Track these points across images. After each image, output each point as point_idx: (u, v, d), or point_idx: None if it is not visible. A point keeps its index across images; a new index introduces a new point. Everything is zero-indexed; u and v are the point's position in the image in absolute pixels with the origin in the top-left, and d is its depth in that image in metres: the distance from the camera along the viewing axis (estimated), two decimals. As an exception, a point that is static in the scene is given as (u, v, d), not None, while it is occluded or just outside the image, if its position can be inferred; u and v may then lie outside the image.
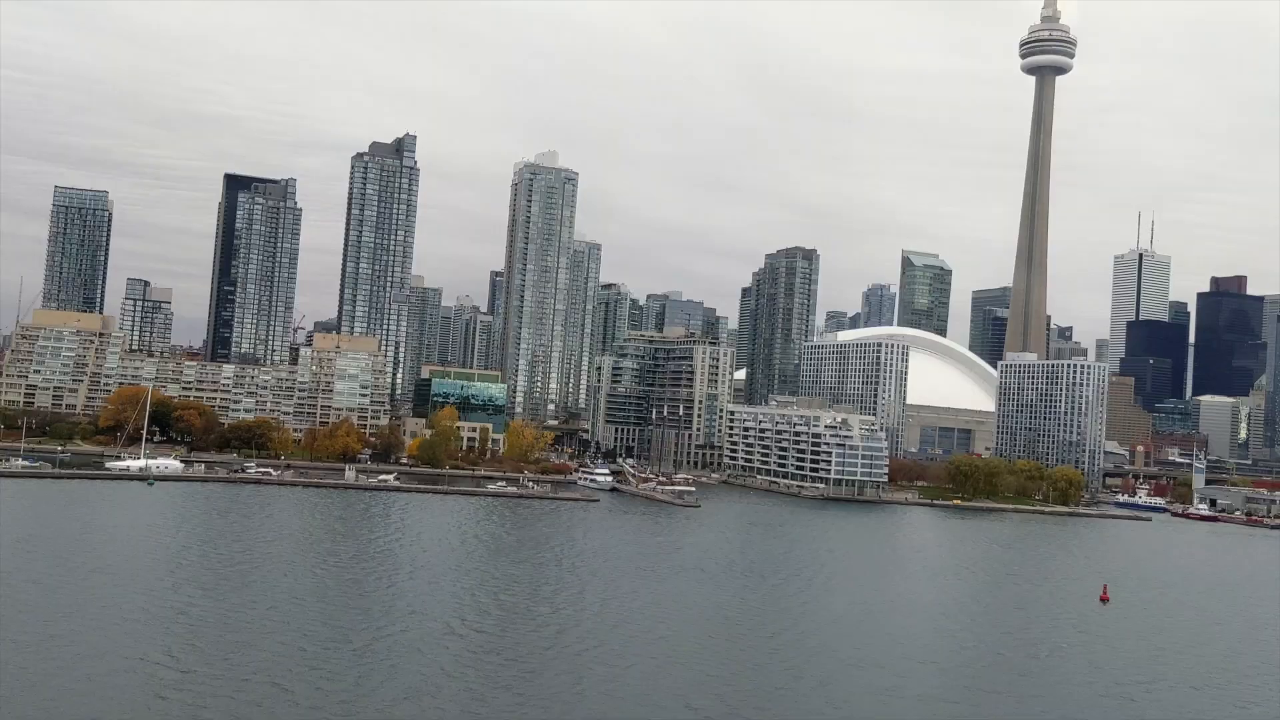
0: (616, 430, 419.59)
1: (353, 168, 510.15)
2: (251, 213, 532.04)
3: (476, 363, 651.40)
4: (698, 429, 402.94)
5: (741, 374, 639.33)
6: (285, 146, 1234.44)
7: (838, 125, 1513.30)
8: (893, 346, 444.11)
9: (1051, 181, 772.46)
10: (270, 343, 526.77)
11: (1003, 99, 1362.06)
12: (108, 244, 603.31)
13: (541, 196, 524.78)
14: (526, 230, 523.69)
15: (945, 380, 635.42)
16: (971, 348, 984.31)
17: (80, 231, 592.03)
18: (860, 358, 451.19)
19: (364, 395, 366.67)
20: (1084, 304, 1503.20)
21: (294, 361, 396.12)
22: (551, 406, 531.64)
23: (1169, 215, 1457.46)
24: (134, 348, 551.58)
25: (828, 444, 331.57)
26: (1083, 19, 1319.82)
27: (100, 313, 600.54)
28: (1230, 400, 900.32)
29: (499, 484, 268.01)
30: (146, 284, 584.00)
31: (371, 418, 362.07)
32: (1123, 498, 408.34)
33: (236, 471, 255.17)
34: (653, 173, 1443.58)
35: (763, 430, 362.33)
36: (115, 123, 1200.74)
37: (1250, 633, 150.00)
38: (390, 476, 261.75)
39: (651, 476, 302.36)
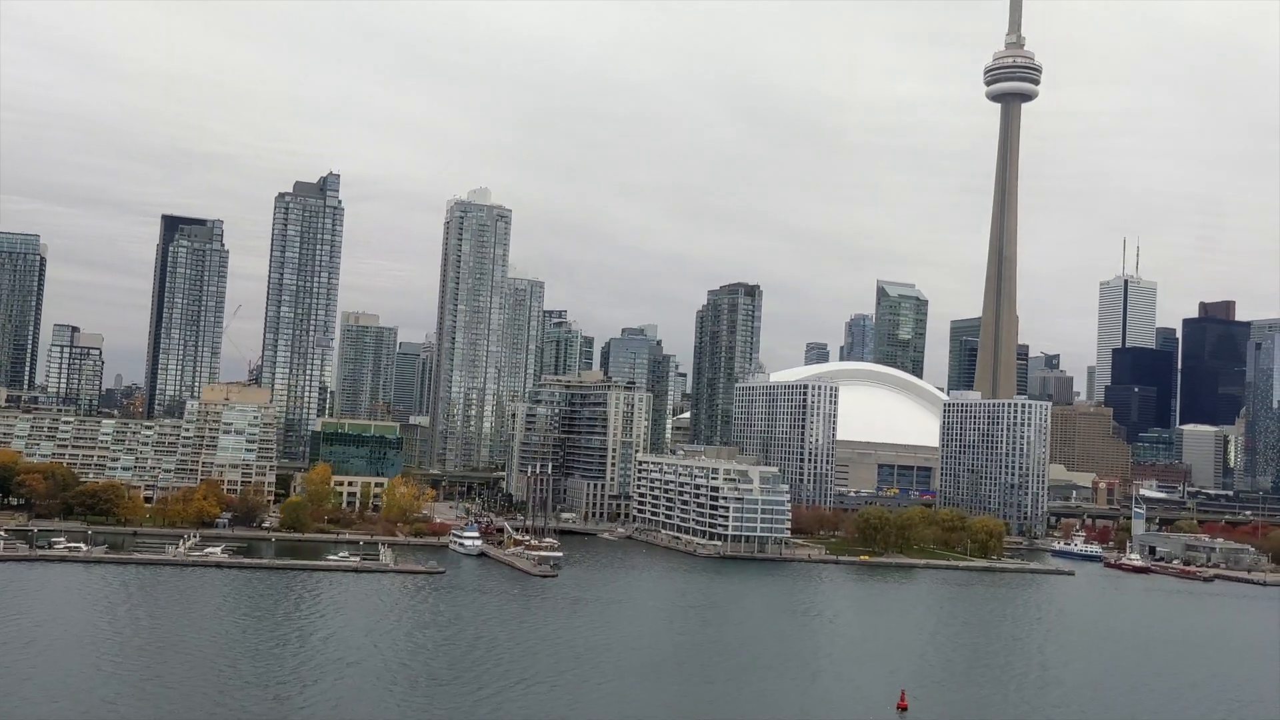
0: (530, 480, 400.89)
1: (275, 207, 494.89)
2: (176, 255, 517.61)
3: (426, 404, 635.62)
4: (612, 479, 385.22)
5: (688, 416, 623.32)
6: (284, 183, 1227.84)
7: (826, 154, 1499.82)
8: (819, 388, 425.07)
9: (1023, 208, 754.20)
10: (197, 388, 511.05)
11: (991, 125, 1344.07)
12: (40, 289, 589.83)
13: (473, 234, 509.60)
14: (458, 269, 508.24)
15: (907, 416, 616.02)
16: (950, 378, 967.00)
17: (11, 277, 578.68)
18: (788, 400, 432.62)
19: (250, 450, 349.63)
20: (1072, 330, 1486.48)
21: (180, 414, 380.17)
22: (486, 452, 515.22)
23: (1159, 239, 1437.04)
24: (21, 399, 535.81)
25: (725, 498, 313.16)
26: (1067, 44, 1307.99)
27: (30, 361, 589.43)
28: (1214, 429, 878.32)
29: (342, 554, 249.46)
30: (75, 330, 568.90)
31: (257, 474, 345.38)
32: (1059, 545, 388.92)
33: (42, 548, 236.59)
34: (643, 201, 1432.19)
35: (666, 482, 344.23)
36: (109, 161, 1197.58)
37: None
38: (218, 549, 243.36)
39: (525, 538, 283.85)
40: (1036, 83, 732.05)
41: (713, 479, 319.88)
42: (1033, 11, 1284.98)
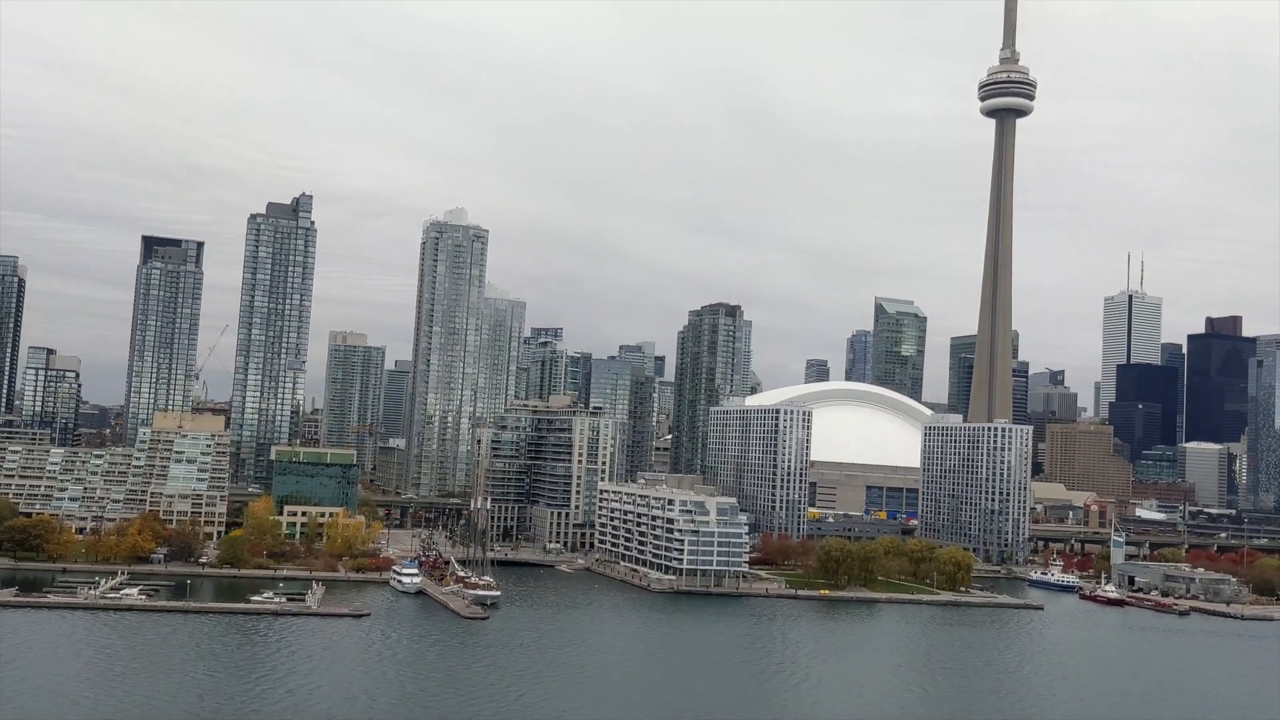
0: (495, 508, 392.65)
1: (247, 229, 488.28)
2: (149, 277, 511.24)
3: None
4: (576, 507, 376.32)
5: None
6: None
7: (830, 167, 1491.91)
8: (791, 413, 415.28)
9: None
10: (170, 411, 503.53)
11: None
12: (19, 309, 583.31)
13: (448, 255, 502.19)
14: (434, 289, 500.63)
15: (897, 436, 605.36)
16: (950, 395, 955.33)
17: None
18: (761, 425, 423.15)
19: (201, 479, 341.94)
20: (1080, 345, 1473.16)
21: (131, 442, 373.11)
22: (463, 476, 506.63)
23: (1167, 252, 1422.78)
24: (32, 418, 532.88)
25: (681, 530, 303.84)
26: (1072, 58, 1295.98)
27: (9, 383, 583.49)
28: (1217, 447, 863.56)
29: (266, 595, 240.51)
30: (51, 352, 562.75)
31: (207, 504, 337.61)
32: (1035, 574, 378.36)
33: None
34: (649, 215, 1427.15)
35: (625, 512, 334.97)
36: (116, 177, 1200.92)
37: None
38: (134, 590, 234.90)
39: (465, 574, 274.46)
40: (1031, 98, 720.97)
41: (668, 510, 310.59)
42: (1037, 26, 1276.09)
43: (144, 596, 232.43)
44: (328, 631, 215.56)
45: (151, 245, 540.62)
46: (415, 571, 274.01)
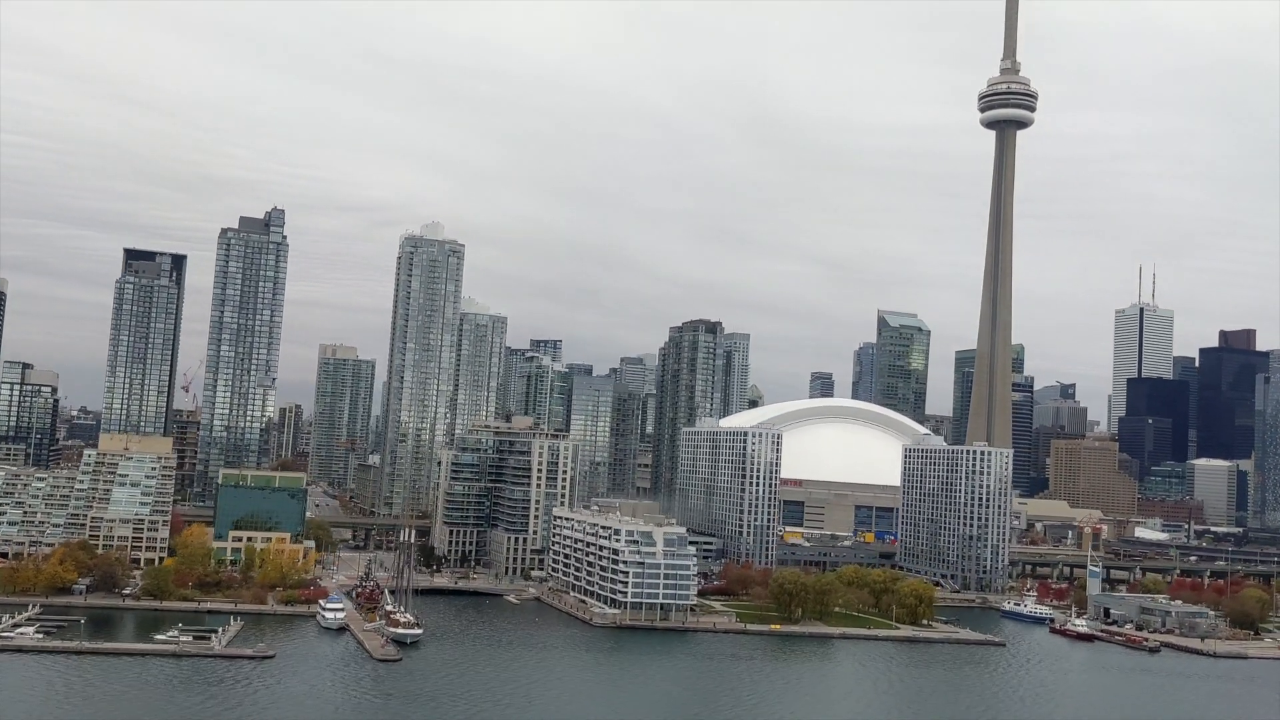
0: (452, 533, 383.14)
1: (218, 244, 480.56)
2: (123, 291, 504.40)
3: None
4: (535, 532, 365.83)
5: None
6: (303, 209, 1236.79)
7: (843, 178, 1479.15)
8: (760, 435, 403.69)
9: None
10: (142, 429, 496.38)
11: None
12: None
13: (423, 270, 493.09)
14: (408, 305, 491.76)
15: (887, 454, 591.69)
16: (954, 410, 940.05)
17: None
18: (730, 446, 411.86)
19: (144, 504, 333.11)
20: (1094, 358, 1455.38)
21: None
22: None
23: (1183, 264, 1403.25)
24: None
25: (625, 561, 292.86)
26: (1087, 69, 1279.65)
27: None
28: (1226, 464, 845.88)
29: (172, 633, 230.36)
30: (27, 366, 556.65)
31: (149, 529, 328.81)
32: (1008, 605, 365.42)
33: None
34: (663, 226, 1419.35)
35: (575, 540, 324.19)
36: (135, 186, 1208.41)
37: None
38: (30, 629, 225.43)
39: (393, 609, 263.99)
40: (1032, 109, 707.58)
41: (614, 540, 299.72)
42: (1051, 37, 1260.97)
43: (39, 635, 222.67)
44: (223, 676, 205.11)
45: (129, 258, 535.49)
46: (340, 606, 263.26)
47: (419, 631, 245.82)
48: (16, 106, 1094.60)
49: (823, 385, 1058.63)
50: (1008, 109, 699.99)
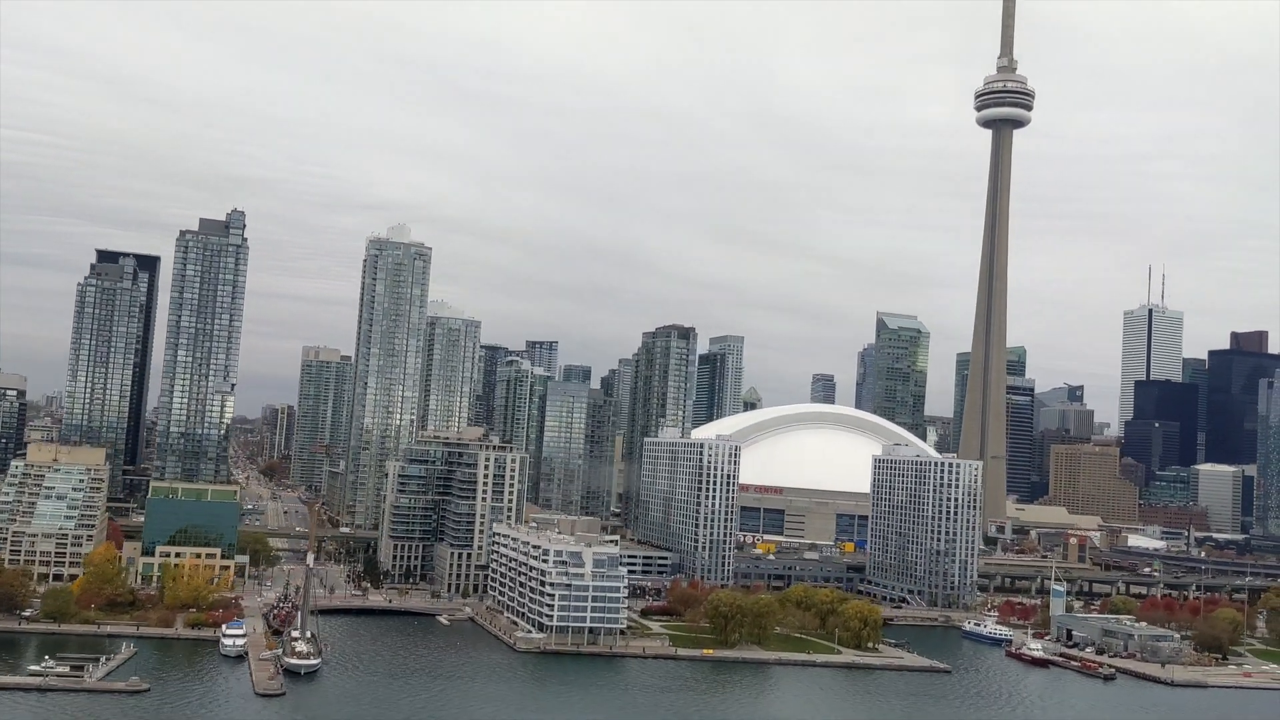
0: (397, 548, 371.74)
1: (175, 247, 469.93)
2: (85, 294, 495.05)
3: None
4: (479, 547, 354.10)
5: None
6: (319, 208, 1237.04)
7: (858, 178, 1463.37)
8: (716, 447, 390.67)
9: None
10: (104, 435, 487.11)
11: (1021, 148, 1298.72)
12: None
13: (388, 274, 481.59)
14: (372, 309, 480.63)
15: (870, 461, 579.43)
16: (955, 412, 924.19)
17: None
18: (688, 459, 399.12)
19: (70, 517, 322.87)
20: (1102, 358, 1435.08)
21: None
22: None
23: (1197, 264, 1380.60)
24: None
25: (553, 582, 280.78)
26: (1103, 68, 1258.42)
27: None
28: (1231, 469, 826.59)
29: (46, 663, 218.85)
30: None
31: (73, 545, 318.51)
32: (969, 625, 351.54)
33: None
34: (679, 225, 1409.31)
35: (510, 559, 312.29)
36: (156, 185, 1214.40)
37: None
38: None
39: (295, 634, 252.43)
40: (1029, 108, 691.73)
41: (542, 560, 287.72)
42: (1061, 36, 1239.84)
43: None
44: (89, 714, 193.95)
45: (101, 259, 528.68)
46: (241, 632, 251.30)
47: (316, 662, 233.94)
48: (36, 106, 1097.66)
49: (824, 388, 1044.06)
50: (1004, 108, 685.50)
